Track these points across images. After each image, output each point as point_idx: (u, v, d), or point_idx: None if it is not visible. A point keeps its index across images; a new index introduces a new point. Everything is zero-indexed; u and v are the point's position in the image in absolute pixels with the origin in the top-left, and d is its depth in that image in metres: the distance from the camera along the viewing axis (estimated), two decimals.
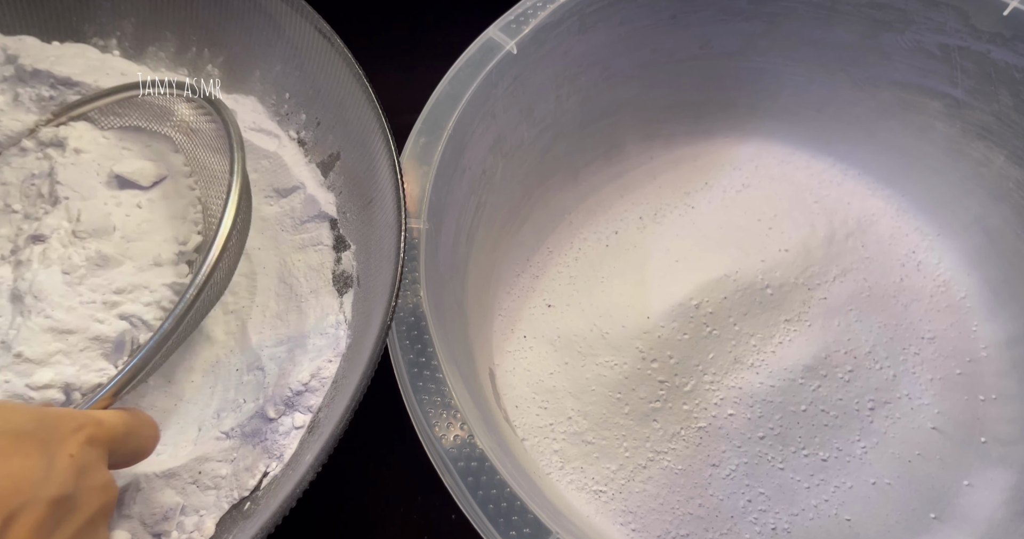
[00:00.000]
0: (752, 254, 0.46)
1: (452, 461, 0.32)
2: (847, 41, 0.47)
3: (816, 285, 0.46)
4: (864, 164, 0.52)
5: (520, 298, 0.48)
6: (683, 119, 0.53)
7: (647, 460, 0.42)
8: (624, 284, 0.46)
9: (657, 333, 0.43)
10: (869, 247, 0.49)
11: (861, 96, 0.50)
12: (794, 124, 0.52)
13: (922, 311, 0.47)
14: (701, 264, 0.45)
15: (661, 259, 0.47)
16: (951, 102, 0.47)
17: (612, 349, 0.44)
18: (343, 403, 0.30)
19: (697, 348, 0.43)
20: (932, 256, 0.49)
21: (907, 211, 0.51)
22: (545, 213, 0.50)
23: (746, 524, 0.41)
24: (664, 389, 0.43)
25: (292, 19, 0.40)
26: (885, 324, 0.46)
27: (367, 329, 0.33)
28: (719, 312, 0.44)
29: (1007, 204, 0.47)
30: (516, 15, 0.42)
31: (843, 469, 0.42)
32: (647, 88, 0.50)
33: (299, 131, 0.42)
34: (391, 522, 0.42)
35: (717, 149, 0.53)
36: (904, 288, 0.48)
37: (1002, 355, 0.46)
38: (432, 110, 0.40)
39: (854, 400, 0.44)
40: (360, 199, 0.38)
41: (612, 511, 0.41)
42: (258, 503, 0.33)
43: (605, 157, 0.52)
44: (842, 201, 0.51)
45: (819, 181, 0.52)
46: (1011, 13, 0.41)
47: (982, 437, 0.44)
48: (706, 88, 0.51)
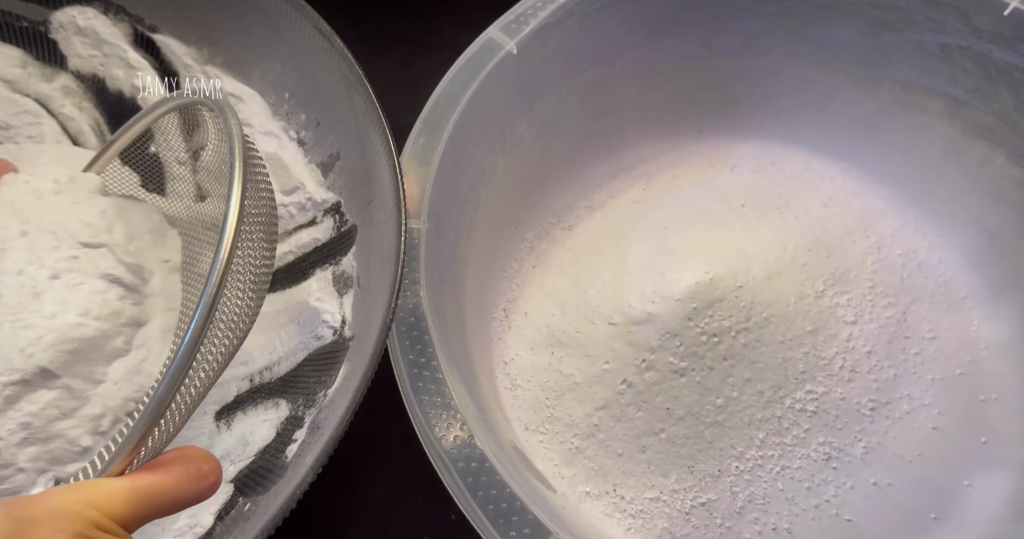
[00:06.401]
0: (752, 254, 0.46)
1: (452, 461, 0.32)
2: (847, 41, 0.47)
3: (816, 285, 0.46)
4: (864, 164, 0.52)
5: (521, 298, 0.48)
6: (683, 119, 0.53)
7: (647, 459, 0.42)
8: (625, 283, 0.46)
9: (659, 331, 0.43)
10: (869, 247, 0.49)
11: (861, 96, 0.50)
12: (794, 124, 0.52)
13: (923, 311, 0.47)
14: (701, 263, 0.45)
15: (661, 258, 0.47)
16: (951, 102, 0.46)
17: (613, 348, 0.44)
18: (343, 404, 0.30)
19: (697, 347, 0.43)
20: (933, 256, 0.49)
21: (907, 211, 0.51)
22: (545, 213, 0.50)
23: (746, 524, 0.41)
24: (664, 388, 0.43)
25: (292, 19, 0.40)
26: (885, 324, 0.46)
27: (367, 329, 0.33)
28: (718, 311, 0.44)
29: (1007, 204, 0.47)
30: (516, 15, 0.42)
31: (843, 469, 0.42)
32: (647, 88, 0.50)
33: (299, 131, 0.42)
34: (391, 522, 0.42)
35: (717, 149, 0.53)
36: (904, 288, 0.48)
37: (1003, 355, 0.46)
38: (432, 110, 0.39)
39: (854, 400, 0.43)
40: (360, 199, 0.38)
41: (612, 511, 0.41)
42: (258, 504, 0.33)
43: (605, 157, 0.52)
44: (842, 201, 0.51)
45: (819, 181, 0.52)
46: (1011, 13, 0.41)
47: (983, 437, 0.44)
48: (706, 88, 0.51)
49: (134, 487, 0.22)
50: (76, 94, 0.44)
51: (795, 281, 0.46)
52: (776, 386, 0.43)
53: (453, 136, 0.39)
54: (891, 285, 0.47)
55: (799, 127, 0.52)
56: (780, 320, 0.44)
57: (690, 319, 0.43)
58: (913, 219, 0.50)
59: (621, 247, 0.48)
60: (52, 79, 0.44)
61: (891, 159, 0.51)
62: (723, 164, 0.53)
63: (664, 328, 0.43)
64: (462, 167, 0.41)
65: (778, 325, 0.44)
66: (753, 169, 0.52)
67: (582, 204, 0.51)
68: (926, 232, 0.50)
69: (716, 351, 0.43)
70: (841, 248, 0.48)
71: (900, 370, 0.45)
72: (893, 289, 0.47)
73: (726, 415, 0.42)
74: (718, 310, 0.43)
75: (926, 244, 0.50)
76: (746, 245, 0.46)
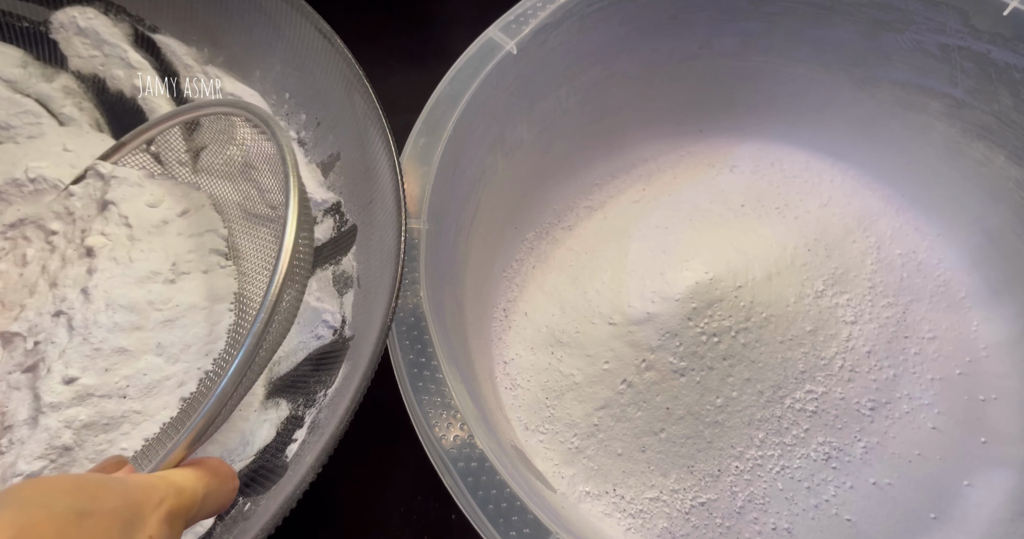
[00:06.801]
0: (751, 254, 0.46)
1: (452, 461, 0.32)
2: (847, 41, 0.47)
3: (815, 285, 0.46)
4: (864, 164, 0.52)
5: (521, 298, 0.48)
6: (683, 119, 0.53)
7: (647, 459, 0.42)
8: (625, 283, 0.46)
9: (658, 331, 0.43)
10: (869, 247, 0.49)
11: (861, 96, 0.50)
12: (794, 124, 0.52)
13: (922, 311, 0.47)
14: (700, 264, 0.45)
15: (661, 258, 0.47)
16: (951, 102, 0.47)
17: (613, 348, 0.44)
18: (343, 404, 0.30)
19: (696, 347, 0.43)
20: (932, 256, 0.49)
21: (907, 211, 0.51)
22: (545, 213, 0.50)
23: (746, 524, 0.41)
24: (664, 388, 0.43)
25: (292, 19, 0.40)
26: (885, 324, 0.46)
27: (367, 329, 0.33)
28: (718, 311, 0.44)
29: (1007, 204, 0.47)
30: (516, 15, 0.42)
31: (843, 469, 0.42)
32: (647, 88, 0.50)
33: (299, 131, 0.42)
34: (391, 522, 0.42)
35: (717, 149, 0.53)
36: (904, 288, 0.48)
37: (1002, 355, 0.46)
38: (432, 110, 0.40)
39: (854, 400, 0.44)
40: (360, 199, 0.38)
41: (612, 510, 0.41)
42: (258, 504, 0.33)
43: (605, 157, 0.52)
44: (841, 201, 0.51)
45: (819, 181, 0.52)
46: (1011, 13, 0.41)
47: (982, 437, 0.44)
48: (706, 88, 0.51)
49: (205, 483, 0.26)
50: (77, 94, 0.44)
51: (795, 281, 0.46)
52: (776, 386, 0.43)
53: (453, 136, 0.39)
54: (891, 285, 0.47)
55: (798, 127, 0.52)
56: (780, 320, 0.44)
57: (690, 319, 0.43)
58: (912, 219, 0.50)
59: (621, 247, 0.48)
60: (53, 79, 0.44)
61: (890, 159, 0.51)
62: (723, 164, 0.53)
63: (664, 328, 0.43)
64: (462, 167, 0.41)
65: (778, 325, 0.44)
66: (753, 169, 0.52)
67: (582, 204, 0.51)
68: (925, 232, 0.50)
69: (716, 351, 0.43)
70: (841, 248, 0.48)
71: (900, 370, 0.45)
72: (893, 289, 0.47)
73: (726, 415, 0.42)
74: (718, 310, 0.43)
75: (925, 244, 0.50)
76: (746, 245, 0.46)
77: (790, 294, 0.45)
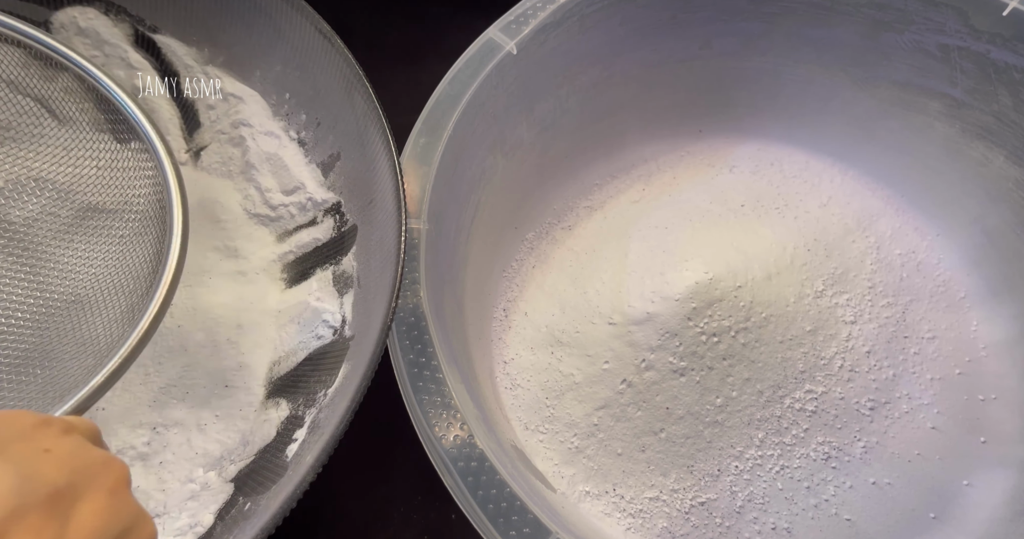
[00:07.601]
0: (751, 254, 0.46)
1: (452, 461, 0.32)
2: (847, 41, 0.47)
3: (815, 285, 0.46)
4: (864, 164, 0.52)
5: (521, 298, 0.48)
6: (683, 119, 0.53)
7: (647, 459, 0.42)
8: (625, 283, 0.46)
9: (658, 331, 0.43)
10: (868, 247, 0.49)
11: (861, 96, 0.50)
12: (794, 124, 0.52)
13: (922, 311, 0.47)
14: (700, 264, 0.45)
15: (661, 258, 0.47)
16: (951, 102, 0.47)
17: (612, 347, 0.44)
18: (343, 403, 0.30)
19: (696, 347, 0.43)
20: (932, 256, 0.49)
21: (907, 211, 0.51)
22: (545, 213, 0.50)
23: (745, 523, 0.41)
24: (664, 388, 0.43)
25: (292, 19, 0.40)
26: (884, 324, 0.46)
27: (367, 329, 0.34)
28: (717, 311, 0.44)
29: (1007, 204, 0.47)
30: (516, 15, 0.42)
31: (843, 469, 0.42)
32: (647, 88, 0.50)
33: (299, 131, 0.42)
34: (391, 522, 0.43)
35: (716, 149, 0.53)
36: (904, 288, 0.48)
37: (1002, 355, 0.46)
38: (432, 110, 0.40)
39: (853, 400, 0.44)
40: (360, 199, 0.39)
41: (612, 510, 0.41)
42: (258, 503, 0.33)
43: (605, 157, 0.52)
44: (841, 201, 0.51)
45: (818, 181, 0.52)
46: (1011, 13, 0.41)
47: (982, 437, 0.44)
48: (706, 88, 0.51)
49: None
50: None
51: (794, 281, 0.46)
52: (775, 386, 0.43)
53: (453, 136, 0.39)
54: (890, 285, 0.48)
55: (798, 127, 0.52)
56: (779, 320, 0.44)
57: (689, 319, 0.43)
58: (912, 219, 0.50)
59: (621, 247, 0.48)
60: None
61: (890, 159, 0.51)
62: (722, 164, 0.53)
63: (663, 328, 0.43)
64: (462, 167, 0.41)
65: (777, 325, 0.44)
66: (752, 169, 0.52)
67: (582, 204, 0.51)
68: (925, 232, 0.50)
69: (715, 351, 0.43)
70: (840, 248, 0.48)
71: (899, 370, 0.45)
72: (892, 289, 0.47)
73: (725, 415, 0.42)
74: (717, 310, 0.43)
75: (925, 244, 0.50)
76: (745, 245, 0.46)
77: (790, 294, 0.45)
